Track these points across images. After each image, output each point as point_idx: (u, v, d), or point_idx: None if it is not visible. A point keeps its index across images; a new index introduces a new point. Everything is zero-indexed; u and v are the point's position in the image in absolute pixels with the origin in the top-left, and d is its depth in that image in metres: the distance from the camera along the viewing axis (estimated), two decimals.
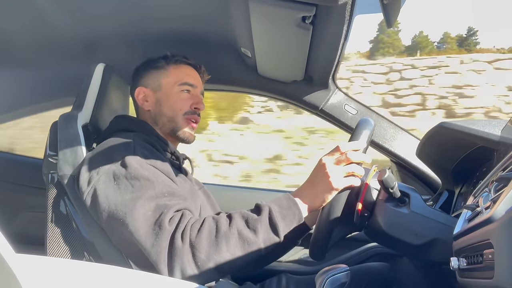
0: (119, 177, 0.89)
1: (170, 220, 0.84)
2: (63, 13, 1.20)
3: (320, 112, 1.49)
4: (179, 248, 0.82)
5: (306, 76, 1.40)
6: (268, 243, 0.86)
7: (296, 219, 0.89)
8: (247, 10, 0.99)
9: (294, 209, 0.89)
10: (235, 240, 0.84)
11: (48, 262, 0.71)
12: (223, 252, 0.82)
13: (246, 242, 0.84)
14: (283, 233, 0.87)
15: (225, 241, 0.83)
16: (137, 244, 0.84)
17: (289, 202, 0.90)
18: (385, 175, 0.91)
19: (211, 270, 0.82)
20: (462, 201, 1.13)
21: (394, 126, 1.47)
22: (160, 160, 0.97)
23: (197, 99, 1.16)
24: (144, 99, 1.15)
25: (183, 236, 0.83)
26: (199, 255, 0.82)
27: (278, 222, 0.86)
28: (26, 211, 1.67)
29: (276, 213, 0.87)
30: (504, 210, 0.56)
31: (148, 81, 1.16)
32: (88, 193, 0.91)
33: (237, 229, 0.84)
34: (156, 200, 0.86)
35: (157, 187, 0.87)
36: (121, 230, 0.85)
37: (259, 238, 0.85)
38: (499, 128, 0.92)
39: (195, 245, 0.82)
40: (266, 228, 0.86)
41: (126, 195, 0.86)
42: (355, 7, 0.92)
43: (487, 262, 0.58)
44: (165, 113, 1.13)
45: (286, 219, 0.88)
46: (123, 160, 0.90)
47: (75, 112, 1.06)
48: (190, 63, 1.19)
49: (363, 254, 1.46)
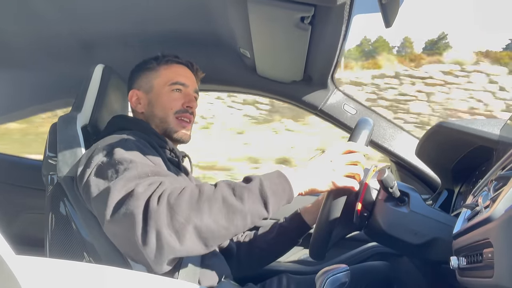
0: (107, 165, 0.87)
1: (145, 189, 0.79)
2: (61, 14, 1.20)
3: (320, 112, 1.49)
4: (153, 210, 0.75)
5: (305, 76, 1.40)
6: (255, 215, 0.79)
7: (286, 197, 0.83)
8: (245, 11, 0.99)
9: (285, 184, 0.83)
10: (219, 206, 0.77)
11: (48, 264, 0.70)
12: (205, 216, 0.75)
13: (230, 209, 0.77)
14: (272, 209, 0.81)
15: (208, 206, 0.76)
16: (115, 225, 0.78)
17: (281, 179, 0.84)
18: (385, 174, 0.91)
19: (191, 236, 0.75)
20: (461, 200, 1.13)
21: (393, 125, 1.47)
22: (152, 153, 0.95)
23: (189, 98, 1.14)
24: (137, 102, 1.15)
25: (160, 199, 0.77)
26: (178, 217, 0.75)
27: (268, 195, 0.80)
28: (25, 213, 1.67)
29: (267, 185, 0.81)
30: (503, 209, 0.56)
31: (141, 83, 1.16)
32: (83, 186, 0.90)
33: (221, 195, 0.78)
34: (137, 180, 0.82)
35: (139, 168, 0.84)
36: (102, 215, 0.80)
37: (246, 207, 0.78)
38: (498, 127, 0.92)
39: (173, 207, 0.75)
40: (254, 199, 0.79)
41: (110, 180, 0.84)
42: (353, 7, 0.92)
43: (486, 261, 0.58)
44: (156, 114, 1.12)
45: (277, 195, 0.81)
46: (112, 150, 0.89)
47: (74, 114, 1.06)
48: (181, 62, 1.18)
49: (363, 253, 1.46)
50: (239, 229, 0.79)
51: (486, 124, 0.94)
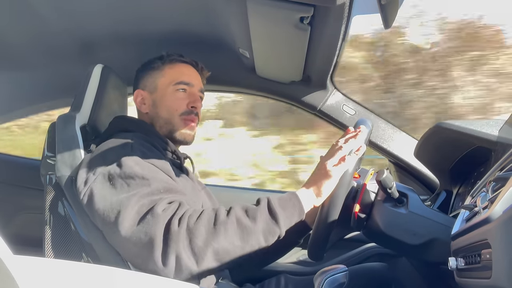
0: (115, 177, 0.87)
1: (165, 209, 0.82)
2: (61, 14, 1.19)
3: (319, 113, 1.49)
4: (175, 233, 0.78)
5: (304, 76, 1.40)
6: (268, 233, 0.84)
7: (297, 211, 0.88)
8: (245, 11, 0.99)
9: (294, 200, 0.88)
10: (234, 228, 0.81)
11: (46, 264, 0.70)
12: (221, 239, 0.80)
13: (245, 230, 0.82)
14: (284, 225, 0.86)
15: (224, 229, 0.81)
16: (132, 241, 0.81)
17: (289, 195, 0.89)
18: (383, 175, 0.91)
19: (209, 259, 0.80)
20: (460, 201, 1.13)
21: (392, 126, 1.47)
22: (159, 158, 0.96)
23: (194, 98, 1.13)
24: (141, 102, 1.14)
25: (180, 221, 0.80)
26: (197, 241, 0.79)
27: (277, 211, 0.85)
28: (24, 213, 1.66)
29: (275, 203, 0.86)
30: (501, 210, 0.56)
31: (146, 83, 1.15)
32: (85, 193, 0.90)
33: (236, 217, 0.83)
34: (151, 196, 0.84)
35: (152, 184, 0.86)
36: (116, 229, 0.83)
37: (259, 227, 0.83)
38: (496, 128, 0.92)
39: (192, 231, 0.79)
40: (266, 217, 0.84)
41: (121, 194, 0.85)
42: (352, 7, 0.92)
43: (484, 262, 0.58)
44: (161, 115, 1.11)
45: (286, 210, 0.86)
46: (119, 160, 0.89)
47: (73, 113, 1.06)
48: (185, 61, 1.16)
49: (361, 254, 1.46)
50: (254, 248, 0.84)
51: (485, 125, 0.95)
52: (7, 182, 1.67)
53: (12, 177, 1.68)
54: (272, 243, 0.86)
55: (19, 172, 1.71)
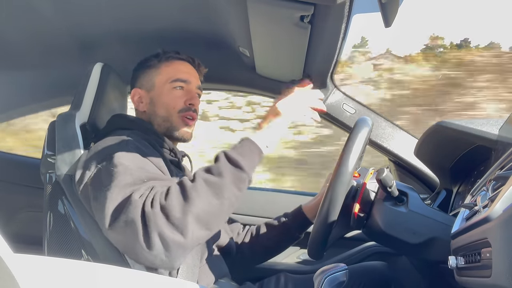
0: (105, 171, 0.88)
1: (142, 195, 0.82)
2: (60, 13, 1.19)
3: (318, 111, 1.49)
4: (149, 213, 0.79)
5: (305, 75, 1.40)
6: (238, 181, 0.85)
7: (256, 152, 0.90)
8: (245, 9, 0.99)
9: (249, 145, 0.90)
10: (204, 188, 0.82)
11: (46, 262, 0.70)
12: (197, 203, 0.80)
13: (216, 186, 0.83)
14: (249, 168, 0.87)
15: (195, 193, 0.81)
16: (117, 233, 0.82)
17: (241, 141, 0.91)
18: (383, 174, 0.91)
19: (192, 226, 0.79)
20: (460, 200, 1.13)
21: (392, 125, 1.47)
22: (154, 155, 0.96)
23: (191, 95, 1.13)
24: (139, 101, 1.14)
25: (152, 202, 0.80)
26: (174, 214, 0.79)
27: (237, 159, 0.86)
28: (24, 211, 1.66)
29: (233, 152, 0.88)
30: (501, 209, 0.56)
31: (143, 81, 1.15)
32: (82, 189, 0.91)
33: (202, 179, 0.84)
34: (132, 187, 0.84)
35: (135, 174, 0.86)
36: (103, 223, 0.83)
37: (226, 178, 0.84)
38: (497, 127, 0.92)
39: (166, 206, 0.79)
40: (229, 168, 0.85)
41: (107, 187, 0.85)
42: (353, 6, 0.92)
43: (484, 261, 0.58)
44: (159, 113, 1.11)
45: (245, 155, 0.88)
46: (112, 153, 0.90)
47: (73, 112, 1.06)
48: (182, 58, 1.16)
49: (361, 253, 1.46)
50: (232, 200, 0.85)
51: (485, 124, 0.95)
52: (7, 181, 1.67)
53: (12, 175, 1.68)
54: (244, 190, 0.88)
55: (19, 170, 1.71)
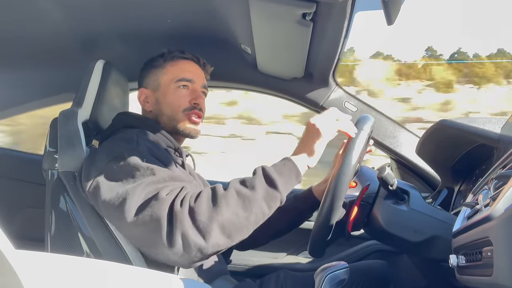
0: (120, 170, 0.88)
1: (169, 193, 0.83)
2: (62, 10, 1.19)
3: (320, 109, 1.48)
4: (178, 213, 0.79)
5: (306, 73, 1.40)
6: (270, 199, 0.85)
7: (294, 174, 0.89)
8: (247, 7, 0.99)
9: (289, 165, 0.90)
10: (234, 199, 0.83)
11: (48, 259, 0.71)
12: (224, 211, 0.81)
13: (246, 199, 0.83)
14: (283, 189, 0.87)
15: (225, 201, 0.82)
16: (138, 227, 0.82)
17: (283, 160, 0.91)
18: (385, 172, 0.91)
19: (216, 233, 0.80)
20: (461, 199, 1.13)
21: (394, 123, 1.47)
22: (162, 153, 0.97)
23: (196, 94, 1.13)
24: (145, 101, 1.15)
25: (182, 202, 0.81)
26: (200, 218, 0.80)
27: (274, 176, 0.86)
28: (26, 208, 1.67)
29: (271, 169, 0.88)
30: (503, 208, 0.56)
31: (148, 81, 1.16)
32: (91, 187, 0.90)
33: (234, 189, 0.84)
34: (156, 184, 0.85)
35: (157, 174, 0.87)
36: (122, 216, 0.84)
37: (259, 194, 0.84)
38: (499, 126, 0.92)
39: (195, 209, 0.80)
40: (263, 184, 0.85)
41: (127, 185, 0.86)
42: (355, 4, 0.92)
43: (486, 260, 0.58)
44: (165, 113, 1.11)
45: (283, 174, 0.88)
46: (124, 153, 0.90)
47: (75, 109, 1.06)
48: (187, 57, 1.16)
49: (362, 251, 1.46)
50: (259, 217, 0.85)
51: (487, 123, 0.94)
52: (9, 177, 1.68)
53: (14, 172, 1.69)
54: (274, 209, 0.87)
55: (21, 167, 1.71)
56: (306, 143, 0.93)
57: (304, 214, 1.21)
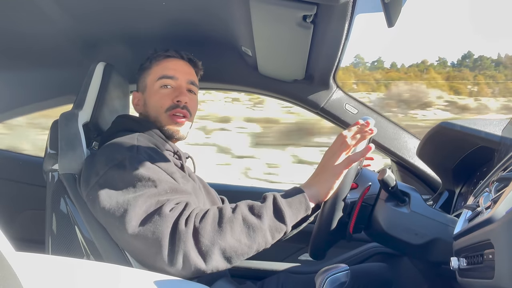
0: (121, 177, 0.88)
1: (172, 209, 0.83)
2: (63, 13, 1.19)
3: (321, 111, 1.49)
4: (182, 232, 0.79)
5: (307, 75, 1.40)
6: (275, 230, 0.85)
7: (303, 208, 0.88)
8: (248, 9, 0.99)
9: (300, 198, 0.88)
10: (240, 226, 0.82)
11: (48, 261, 0.71)
12: (228, 237, 0.80)
13: (251, 228, 0.82)
14: (290, 222, 0.86)
15: (230, 227, 0.81)
16: (139, 240, 0.82)
17: (295, 191, 0.89)
18: (386, 174, 0.90)
19: (216, 257, 0.80)
20: (462, 201, 1.13)
21: (394, 125, 1.47)
22: (163, 160, 0.96)
23: (179, 91, 1.09)
24: (136, 103, 1.16)
25: (187, 221, 0.81)
26: (203, 240, 0.79)
27: (283, 208, 0.85)
28: (26, 210, 1.67)
29: (282, 200, 0.86)
30: (504, 210, 0.56)
31: (139, 84, 1.17)
32: (90, 192, 0.90)
33: (241, 215, 0.83)
34: (158, 197, 0.85)
35: (159, 186, 0.86)
36: (122, 227, 0.83)
37: (265, 224, 0.83)
38: (499, 128, 0.92)
39: (199, 230, 0.80)
40: (271, 215, 0.84)
41: (128, 194, 0.85)
42: (356, 6, 0.92)
43: (487, 262, 0.58)
44: (150, 114, 1.11)
45: (293, 207, 0.87)
46: (125, 161, 0.89)
47: (76, 111, 1.06)
48: (170, 55, 1.14)
49: (363, 253, 1.46)
50: (261, 245, 0.84)
51: (488, 125, 0.94)
52: (10, 179, 1.68)
53: (15, 174, 1.69)
54: (277, 240, 0.87)
55: (22, 169, 1.71)
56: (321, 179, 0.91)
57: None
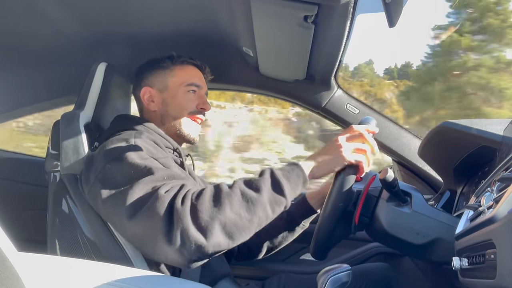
0: (118, 171, 0.89)
1: (168, 191, 0.83)
2: (65, 13, 1.20)
3: (322, 111, 1.49)
4: (179, 210, 0.78)
5: (308, 75, 1.40)
6: (275, 203, 0.85)
7: (301, 181, 0.88)
8: (249, 10, 0.99)
9: (297, 170, 0.89)
10: (239, 200, 0.82)
11: (50, 261, 0.71)
12: (227, 211, 0.80)
13: (250, 201, 0.82)
14: (289, 194, 0.86)
15: (228, 201, 0.81)
16: (138, 226, 0.82)
17: (292, 165, 0.90)
18: (387, 174, 0.90)
19: (217, 232, 0.79)
20: (464, 201, 1.13)
21: (395, 125, 1.47)
22: (161, 154, 0.97)
23: (203, 99, 1.17)
24: (150, 100, 1.15)
25: (183, 200, 0.81)
26: (202, 215, 0.79)
27: (281, 181, 0.85)
28: (28, 210, 1.67)
29: (279, 173, 0.87)
30: (506, 210, 0.56)
31: (154, 81, 1.16)
32: (91, 188, 0.91)
33: (239, 189, 0.83)
34: (155, 183, 0.85)
35: (156, 173, 0.87)
36: (121, 217, 0.84)
37: (264, 197, 0.83)
38: (501, 128, 0.92)
39: (197, 206, 0.79)
40: (269, 187, 0.84)
41: (125, 184, 0.86)
42: (357, 6, 0.92)
43: (489, 262, 0.58)
44: (171, 114, 1.13)
45: (291, 180, 0.87)
46: (122, 154, 0.90)
47: (77, 111, 1.06)
48: (195, 64, 1.20)
49: (365, 253, 1.46)
50: (262, 219, 0.84)
51: (490, 124, 0.94)
52: (12, 180, 1.68)
53: (16, 174, 1.69)
54: (278, 214, 0.87)
55: (24, 169, 1.71)
56: (322, 155, 0.92)
57: (296, 220, 1.20)
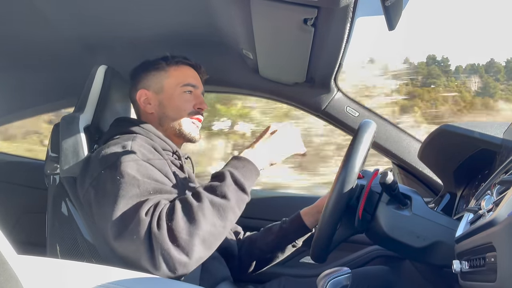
0: (110, 177, 0.88)
1: (147, 212, 0.84)
2: (65, 16, 1.20)
3: (322, 114, 1.49)
4: (156, 235, 0.80)
5: (308, 78, 1.40)
6: (241, 203, 0.89)
7: (254, 174, 0.92)
8: (248, 12, 0.99)
9: (249, 166, 0.92)
10: (210, 210, 0.84)
11: (49, 263, 0.71)
12: (203, 225, 0.82)
13: (221, 208, 0.85)
14: (249, 190, 0.91)
15: (202, 214, 0.83)
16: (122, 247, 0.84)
17: (244, 162, 0.92)
18: (387, 177, 0.90)
19: (198, 247, 0.81)
20: (464, 204, 1.13)
21: (395, 128, 1.47)
22: (158, 159, 0.97)
23: (200, 99, 1.17)
24: (146, 102, 1.15)
25: (159, 223, 0.82)
26: (180, 235, 0.80)
27: (243, 182, 0.89)
28: (27, 213, 1.67)
29: (238, 174, 0.90)
30: (506, 213, 0.56)
31: (149, 83, 1.16)
32: (85, 194, 0.92)
33: (208, 200, 0.85)
34: (139, 198, 0.86)
35: (142, 186, 0.87)
36: (108, 234, 0.85)
37: (232, 201, 0.86)
38: (501, 131, 0.92)
39: (173, 227, 0.81)
40: (235, 191, 0.88)
41: (112, 195, 0.86)
42: (357, 9, 0.92)
43: (489, 265, 0.58)
44: (169, 115, 1.13)
45: (248, 178, 0.91)
46: (117, 161, 0.90)
47: (77, 114, 1.06)
48: (190, 64, 1.20)
49: (365, 256, 1.46)
50: (233, 221, 0.89)
51: (489, 127, 0.94)
52: (11, 182, 1.68)
53: (16, 177, 1.69)
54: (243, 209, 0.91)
55: (23, 172, 1.71)
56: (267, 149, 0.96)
57: (289, 237, 1.20)
